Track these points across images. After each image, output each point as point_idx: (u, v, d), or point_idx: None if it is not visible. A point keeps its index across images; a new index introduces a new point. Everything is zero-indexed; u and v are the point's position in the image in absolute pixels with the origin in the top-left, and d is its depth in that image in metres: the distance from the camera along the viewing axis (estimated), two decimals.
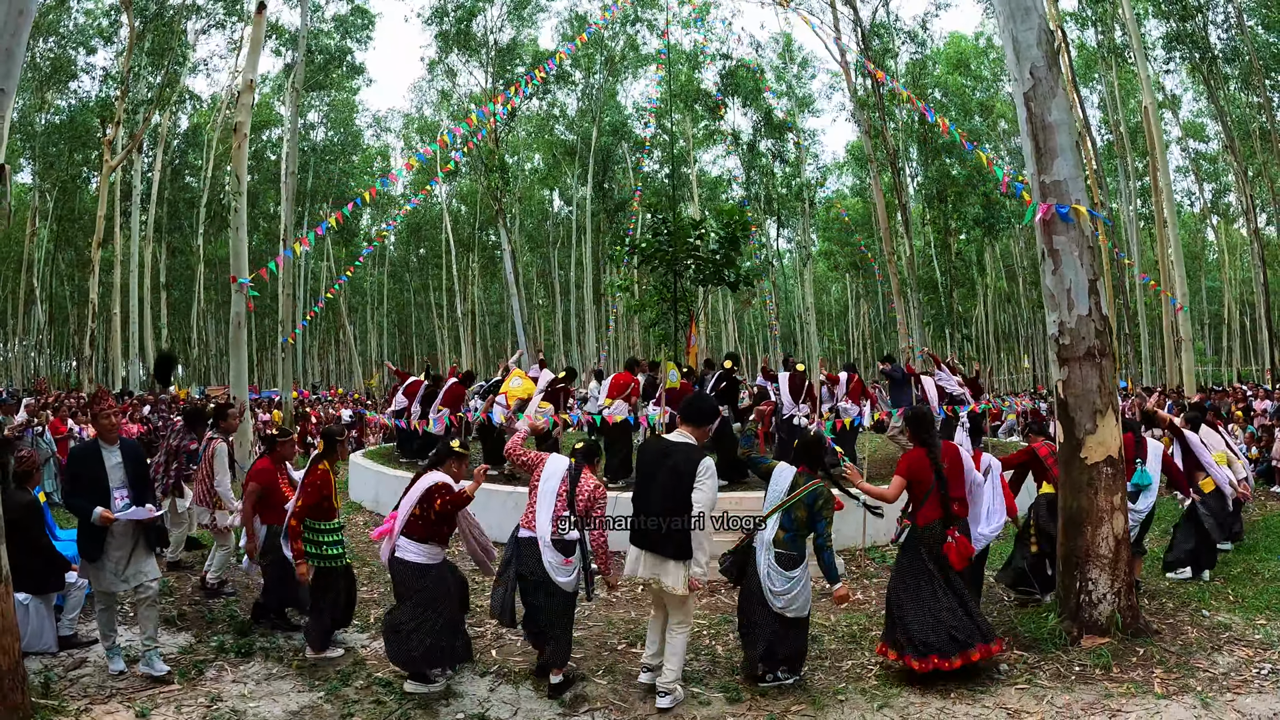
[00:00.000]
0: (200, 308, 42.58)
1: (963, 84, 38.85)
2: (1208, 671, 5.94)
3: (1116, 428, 7.01)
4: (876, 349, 55.54)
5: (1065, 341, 7.15)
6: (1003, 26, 7.73)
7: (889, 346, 52.72)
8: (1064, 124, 7.41)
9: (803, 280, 49.75)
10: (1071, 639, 6.61)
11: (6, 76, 5.05)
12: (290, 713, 5.46)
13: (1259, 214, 33.67)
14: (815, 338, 47.90)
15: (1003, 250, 46.82)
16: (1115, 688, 5.71)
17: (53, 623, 6.45)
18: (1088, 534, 6.84)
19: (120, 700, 5.46)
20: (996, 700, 5.58)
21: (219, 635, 6.86)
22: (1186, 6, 27.86)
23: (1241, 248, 50.75)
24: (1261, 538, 10.57)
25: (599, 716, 5.55)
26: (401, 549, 5.77)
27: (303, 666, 6.22)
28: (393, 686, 5.89)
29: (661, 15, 37.92)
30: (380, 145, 53.30)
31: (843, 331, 64.44)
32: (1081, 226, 7.24)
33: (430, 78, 42.53)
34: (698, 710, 5.61)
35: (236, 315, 11.10)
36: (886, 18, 30.82)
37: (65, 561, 6.67)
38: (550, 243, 48.13)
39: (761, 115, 40.18)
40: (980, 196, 34.24)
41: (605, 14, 20.53)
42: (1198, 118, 41.05)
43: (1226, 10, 29.06)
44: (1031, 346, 47.45)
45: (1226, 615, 7.24)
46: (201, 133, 39.91)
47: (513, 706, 5.68)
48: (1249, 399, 21.06)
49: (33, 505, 6.50)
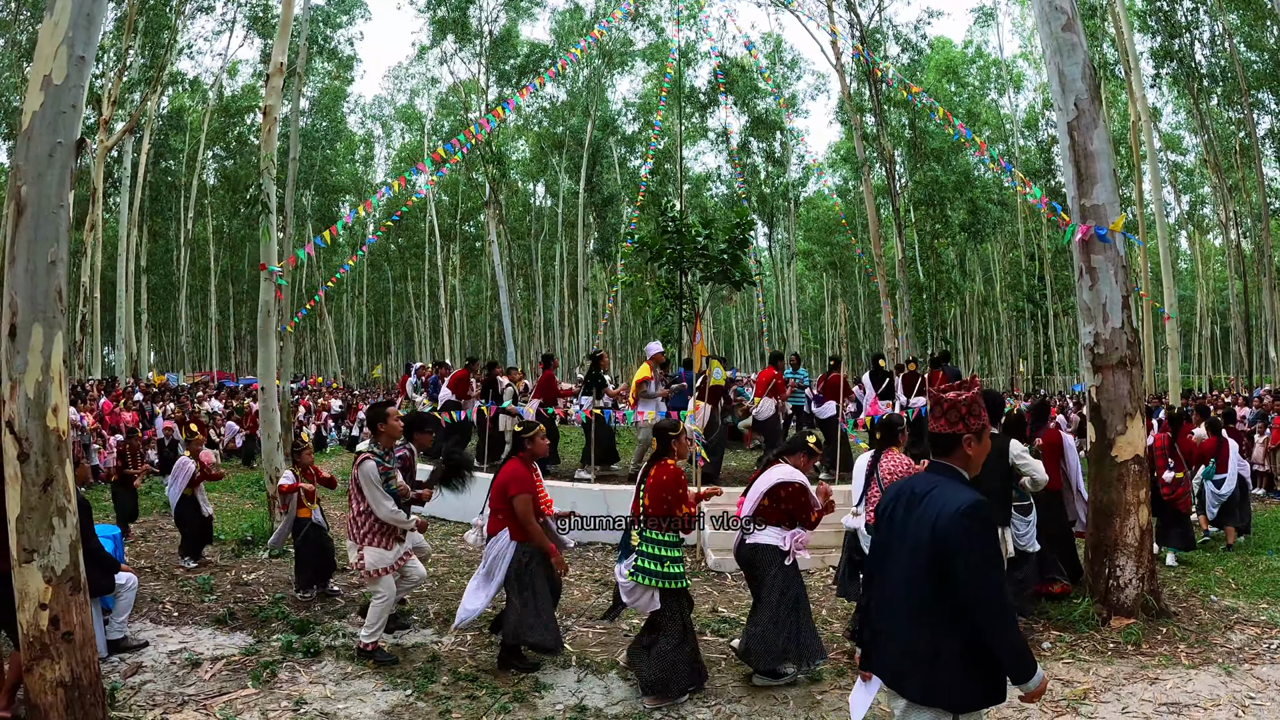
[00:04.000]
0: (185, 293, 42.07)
1: (949, 91, 39.24)
2: (1224, 647, 6.62)
3: (1143, 429, 7.62)
4: (852, 347, 56.02)
5: (1100, 351, 7.63)
6: (1049, 60, 8.07)
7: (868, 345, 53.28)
8: (1104, 153, 7.83)
9: (785, 279, 50.10)
10: (1102, 620, 7.19)
11: (88, 44, 4.98)
12: (383, 712, 5.46)
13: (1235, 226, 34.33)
14: (798, 336, 48.28)
15: (983, 255, 47.31)
16: (1148, 660, 6.36)
17: (101, 626, 6.27)
18: (1116, 525, 7.43)
19: (195, 708, 5.38)
20: (1050, 672, 6.03)
21: (280, 635, 6.84)
22: (1174, 24, 28.34)
23: (1215, 258, 51.77)
24: (1250, 534, 11.36)
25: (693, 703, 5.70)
26: (754, 536, 5.98)
27: (381, 664, 6.24)
28: (480, 682, 5.96)
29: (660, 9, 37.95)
30: (365, 133, 52.96)
31: (818, 330, 64.83)
32: (1116, 246, 7.65)
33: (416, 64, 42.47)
34: (787, 690, 5.91)
35: (265, 304, 10.94)
36: (881, 24, 30.99)
37: (114, 562, 6.55)
38: (532, 235, 47.98)
39: (751, 115, 40.36)
40: (966, 202, 34.64)
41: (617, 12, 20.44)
42: (1176, 130, 41.80)
43: (1214, 28, 29.62)
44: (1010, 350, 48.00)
45: (1232, 600, 7.98)
46: (185, 115, 39.40)
47: (605, 695, 5.82)
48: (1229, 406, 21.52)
49: (81, 504, 6.44)
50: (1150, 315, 24.70)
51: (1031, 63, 41.21)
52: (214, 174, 44.37)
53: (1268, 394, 20.77)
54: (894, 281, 30.63)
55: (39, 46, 4.89)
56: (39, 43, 4.90)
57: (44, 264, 4.67)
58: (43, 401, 4.62)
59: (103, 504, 12.44)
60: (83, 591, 4.84)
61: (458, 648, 6.68)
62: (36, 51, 4.90)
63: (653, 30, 39.86)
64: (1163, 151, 38.27)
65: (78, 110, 4.93)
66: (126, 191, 32.39)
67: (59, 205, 4.77)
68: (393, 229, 47.06)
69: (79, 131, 4.98)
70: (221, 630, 7.00)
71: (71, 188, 4.95)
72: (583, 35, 29.89)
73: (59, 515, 4.65)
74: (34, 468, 4.57)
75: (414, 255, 54.33)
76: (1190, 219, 46.49)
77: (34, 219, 4.68)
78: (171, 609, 7.54)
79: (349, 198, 49.42)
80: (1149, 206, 24.78)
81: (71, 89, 4.86)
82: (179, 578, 8.68)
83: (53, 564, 4.61)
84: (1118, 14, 21.96)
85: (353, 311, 58.73)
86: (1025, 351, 46.02)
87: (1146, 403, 12.61)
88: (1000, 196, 38.32)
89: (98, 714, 4.80)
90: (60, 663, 4.59)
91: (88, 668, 4.77)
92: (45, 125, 4.77)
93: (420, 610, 7.65)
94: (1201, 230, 48.68)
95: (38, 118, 4.76)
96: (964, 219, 35.83)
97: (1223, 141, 33.89)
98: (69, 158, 4.84)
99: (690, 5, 29.84)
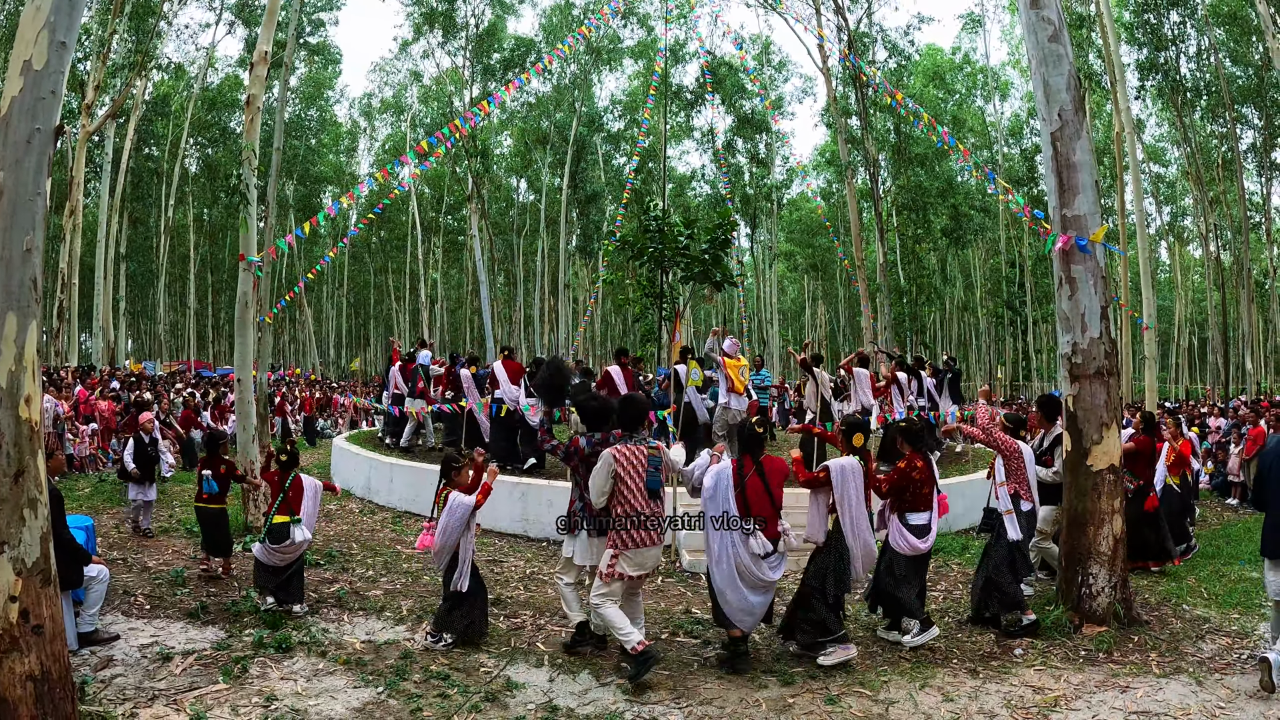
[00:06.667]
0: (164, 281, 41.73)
1: (937, 96, 39.44)
2: (1195, 656, 6.69)
3: (1119, 439, 7.71)
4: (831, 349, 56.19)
5: (1077, 360, 7.71)
6: (1034, 70, 8.13)
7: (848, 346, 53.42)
8: (1086, 164, 7.89)
9: (766, 280, 50.22)
10: (1074, 627, 7.26)
11: (69, 29, 4.92)
12: (354, 710, 5.42)
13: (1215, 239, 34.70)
14: (778, 336, 48.39)
15: (964, 261, 47.58)
16: (1120, 669, 6.41)
17: (72, 619, 6.20)
18: (1090, 533, 7.51)
19: (166, 703, 5.32)
20: (1021, 679, 6.18)
21: (251, 630, 6.78)
22: (1161, 37, 28.59)
23: (1194, 269, 52.27)
24: (1223, 545, 11.56)
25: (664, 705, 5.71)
26: None
27: (349, 661, 6.21)
28: (452, 680, 5.93)
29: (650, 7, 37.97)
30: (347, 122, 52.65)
31: (798, 331, 65.02)
32: (1096, 257, 7.72)
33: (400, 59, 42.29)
34: (759, 693, 5.88)
35: (243, 295, 10.84)
36: (869, 28, 31.13)
37: (85, 554, 6.47)
38: (515, 230, 47.86)
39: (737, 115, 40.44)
40: (949, 208, 34.84)
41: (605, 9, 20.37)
42: (1159, 142, 42.18)
43: (1200, 43, 29.92)
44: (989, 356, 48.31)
45: (1204, 610, 8.02)
46: (170, 102, 39.08)
47: (579, 696, 5.80)
48: (1204, 416, 21.74)
49: (53, 495, 6.37)
50: (1129, 324, 24.86)
51: (1020, 71, 41.47)
52: (196, 162, 44.02)
53: (1243, 404, 20.97)
54: (875, 285, 30.76)
55: (20, 31, 4.81)
56: (20, 27, 4.83)
57: (19, 252, 4.60)
58: (15, 392, 4.55)
59: (76, 494, 12.36)
60: (53, 584, 4.77)
61: (431, 646, 6.65)
62: (17, 36, 4.83)
63: (642, 28, 39.87)
64: (1146, 163, 38.63)
65: (57, 96, 4.86)
66: (107, 177, 32.10)
67: (36, 193, 4.70)
68: (375, 221, 46.88)
69: (59, 118, 4.92)
70: (193, 624, 6.92)
71: (49, 175, 4.89)
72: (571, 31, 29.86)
73: (30, 507, 4.58)
74: (5, 459, 4.50)
75: (395, 248, 54.11)
76: (1171, 230, 46.97)
77: (10, 206, 4.60)
78: (143, 602, 7.46)
79: (331, 188, 49.18)
80: (1130, 217, 24.94)
81: (52, 74, 4.80)
82: (151, 570, 8.59)
83: (23, 556, 4.54)
84: (1105, 26, 22.08)
85: (332, 303, 58.37)
86: (1004, 358, 46.31)
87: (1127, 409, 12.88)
88: (983, 203, 38.57)
89: (68, 708, 4.74)
90: (30, 656, 4.53)
91: (58, 661, 4.71)
92: (24, 111, 4.69)
93: (394, 607, 7.61)
94: (1182, 241, 49.18)
95: (16, 103, 4.69)
96: (946, 224, 36.08)
97: (1205, 155, 34.24)
98: (48, 145, 4.77)
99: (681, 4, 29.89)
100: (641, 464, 6.13)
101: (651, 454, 6.19)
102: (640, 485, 6.09)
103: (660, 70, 22.95)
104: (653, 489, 6.14)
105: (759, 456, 6.34)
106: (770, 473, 6.30)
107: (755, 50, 41.72)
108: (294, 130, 41.83)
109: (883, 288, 30.33)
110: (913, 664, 6.49)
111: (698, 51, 36.58)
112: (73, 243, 28.59)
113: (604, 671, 6.20)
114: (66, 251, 27.91)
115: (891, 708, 5.65)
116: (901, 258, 36.25)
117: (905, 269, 35.69)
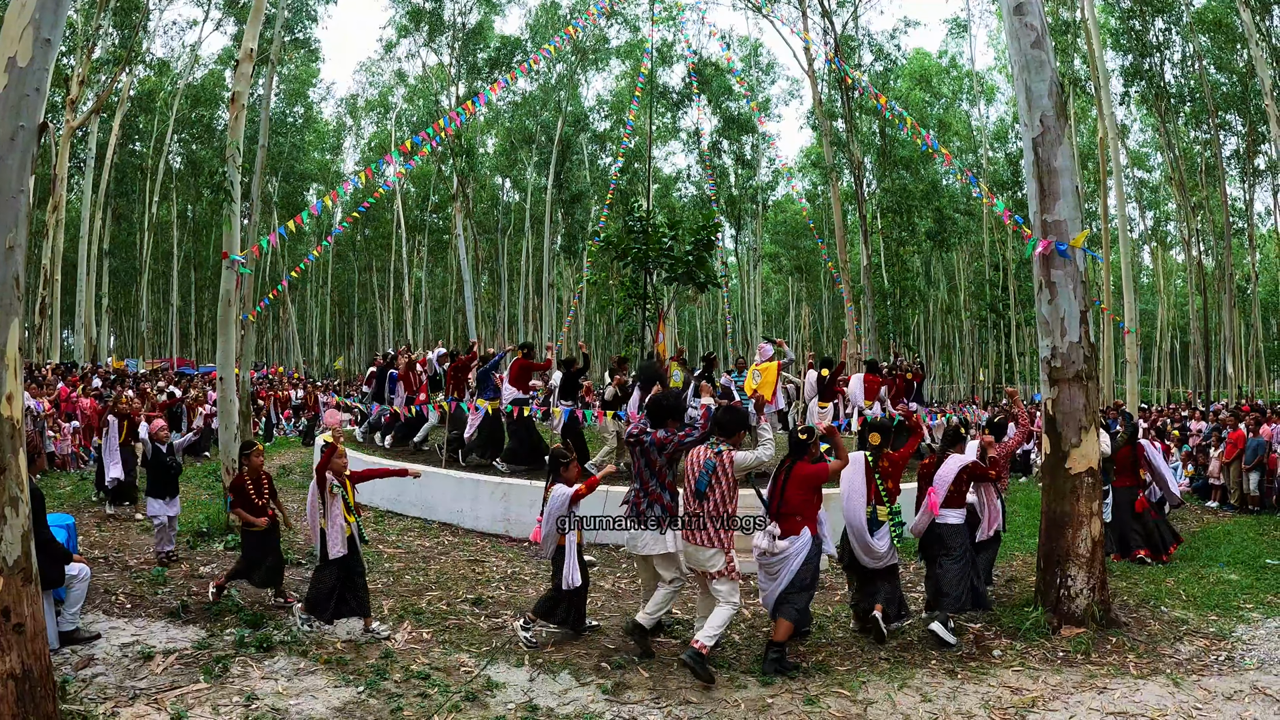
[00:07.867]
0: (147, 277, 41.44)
1: (923, 100, 39.60)
2: (1173, 658, 6.75)
3: (1098, 443, 7.77)
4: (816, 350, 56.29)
5: (1057, 364, 7.79)
6: (1017, 76, 8.19)
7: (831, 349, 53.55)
8: (1067, 170, 7.96)
9: (751, 281, 50.29)
10: (1052, 629, 7.31)
11: (54, 26, 4.91)
12: (335, 709, 5.42)
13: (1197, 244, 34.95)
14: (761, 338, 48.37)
15: (948, 264, 47.77)
16: (1097, 670, 6.48)
17: (53, 617, 6.15)
18: (1068, 536, 7.58)
19: (146, 702, 5.31)
20: (998, 680, 6.23)
21: (232, 629, 6.76)
22: (1146, 44, 28.80)
23: (1176, 274, 52.64)
24: (1203, 548, 11.67)
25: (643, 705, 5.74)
26: (943, 516, 7.23)
27: (330, 660, 6.21)
28: (432, 679, 5.94)
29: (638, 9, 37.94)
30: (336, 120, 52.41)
31: (782, 333, 65.11)
32: (1076, 262, 7.78)
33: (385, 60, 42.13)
34: (737, 694, 5.92)
35: (226, 293, 10.77)
36: (855, 31, 31.24)
37: (66, 552, 6.43)
38: (499, 230, 47.75)
39: (723, 116, 40.49)
40: (933, 211, 34.98)
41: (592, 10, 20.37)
42: (1143, 147, 42.47)
43: (1184, 49, 30.15)
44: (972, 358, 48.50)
45: (1182, 612, 8.09)
46: (155, 97, 38.83)
47: (559, 696, 5.83)
48: (1185, 420, 21.92)
49: (34, 493, 6.33)
50: (1111, 328, 25.04)
51: (1006, 75, 41.65)
52: (180, 158, 43.73)
53: (1224, 408, 21.16)
54: (859, 287, 30.87)
55: (4, 27, 4.79)
56: (4, 23, 4.80)
57: (1, 250, 4.58)
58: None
59: (57, 493, 12.29)
60: (34, 583, 4.76)
61: (410, 645, 6.65)
62: (1, 32, 4.80)
63: (629, 29, 39.86)
64: (1129, 168, 38.94)
65: (42, 94, 4.86)
66: (91, 173, 31.87)
67: (19, 190, 4.69)
68: (359, 219, 46.72)
69: (42, 115, 4.90)
70: (174, 623, 6.91)
71: (32, 172, 4.87)
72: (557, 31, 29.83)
73: (11, 505, 4.58)
74: None
75: (380, 246, 53.88)
76: (1154, 235, 47.27)
77: None
78: (124, 600, 7.44)
79: (316, 186, 48.97)
80: (1114, 221, 25.15)
81: (36, 71, 4.79)
82: (132, 569, 8.57)
83: (4, 555, 4.53)
84: (1090, 32, 22.27)
85: (316, 301, 58.06)
86: (987, 360, 46.49)
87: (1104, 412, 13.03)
88: (967, 206, 38.75)
89: (48, 707, 4.73)
90: (11, 655, 4.52)
91: (39, 660, 4.70)
92: (8, 108, 4.68)
93: (375, 606, 7.61)
94: (1164, 246, 49.49)
95: (0, 100, 4.68)
96: (930, 227, 36.24)
97: (1188, 160, 34.49)
98: (31, 142, 4.76)
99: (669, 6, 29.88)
100: (699, 465, 6.38)
101: (709, 459, 6.37)
102: (691, 486, 6.38)
103: (646, 71, 22.89)
104: (700, 490, 6.32)
105: (798, 459, 6.63)
106: (794, 475, 6.56)
107: (743, 52, 41.78)
108: (278, 127, 41.57)
109: (867, 290, 30.43)
110: (891, 665, 6.55)
111: (684, 53, 36.62)
112: (55, 239, 28.38)
113: (584, 671, 6.24)
114: (49, 247, 27.70)
115: (870, 708, 5.71)
116: (885, 260, 36.39)
117: (889, 271, 35.83)
